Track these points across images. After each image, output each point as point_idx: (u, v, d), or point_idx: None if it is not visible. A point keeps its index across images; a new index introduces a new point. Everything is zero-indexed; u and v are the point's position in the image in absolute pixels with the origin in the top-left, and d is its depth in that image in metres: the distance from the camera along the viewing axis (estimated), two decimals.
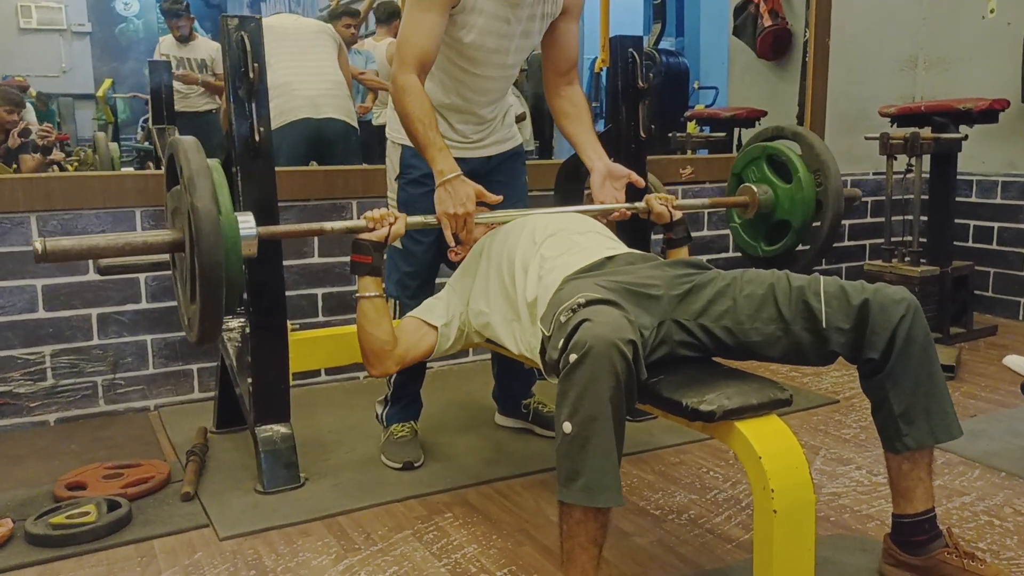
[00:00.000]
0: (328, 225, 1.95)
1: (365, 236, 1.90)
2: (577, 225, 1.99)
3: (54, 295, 2.70)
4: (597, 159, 2.20)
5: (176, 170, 1.71)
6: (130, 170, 5.14)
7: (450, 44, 2.09)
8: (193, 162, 1.66)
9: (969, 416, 2.68)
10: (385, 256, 2.12)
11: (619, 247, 1.91)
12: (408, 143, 2.23)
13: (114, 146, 3.44)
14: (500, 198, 2.03)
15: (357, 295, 1.93)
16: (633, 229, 2.45)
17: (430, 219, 1.99)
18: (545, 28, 2.18)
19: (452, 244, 1.99)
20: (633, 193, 2.21)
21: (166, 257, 2.54)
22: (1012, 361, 2.35)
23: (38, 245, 1.59)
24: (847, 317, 1.58)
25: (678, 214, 2.17)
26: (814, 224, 2.32)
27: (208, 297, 1.65)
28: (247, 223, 1.82)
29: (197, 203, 1.61)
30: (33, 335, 2.68)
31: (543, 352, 1.63)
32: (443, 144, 2.00)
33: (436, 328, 1.99)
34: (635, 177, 2.19)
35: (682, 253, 2.16)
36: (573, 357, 1.39)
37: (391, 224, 1.90)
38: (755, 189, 2.34)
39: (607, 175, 2.18)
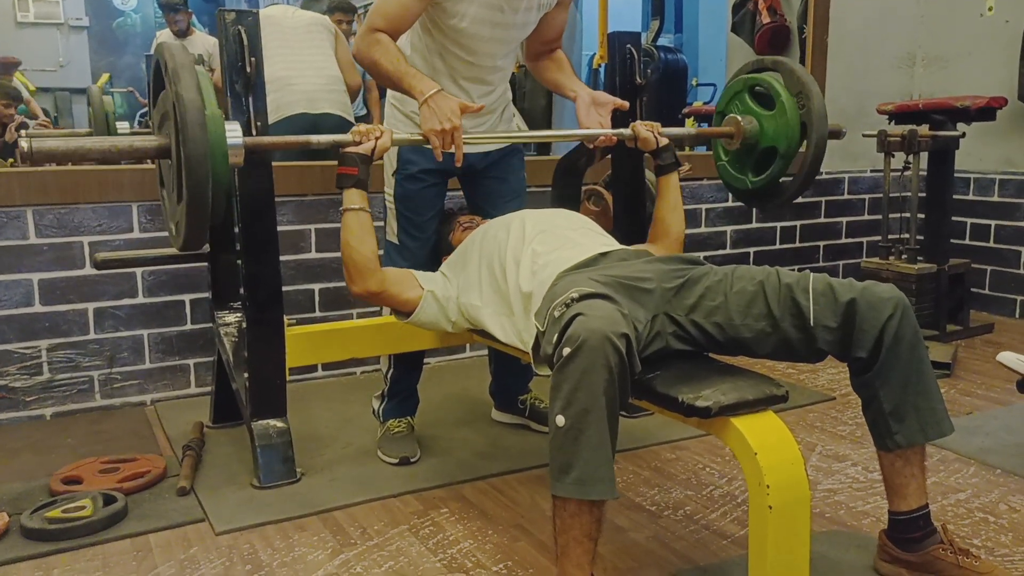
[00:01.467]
0: (315, 138, 1.95)
1: (352, 149, 1.91)
2: (569, 222, 2.00)
3: (50, 289, 2.69)
4: (580, 88, 2.24)
5: (162, 72, 1.68)
6: (126, 125, 5.09)
7: (445, 32, 2.09)
8: (178, 57, 1.65)
9: (965, 413, 2.69)
10: (382, 253, 2.11)
11: (612, 243, 1.92)
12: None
13: (108, 99, 3.40)
14: (483, 105, 2.03)
15: (343, 208, 1.93)
16: (629, 223, 2.45)
17: (417, 136, 1.99)
18: (539, 18, 2.20)
19: (439, 159, 2.00)
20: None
21: (164, 252, 2.55)
22: (1006, 357, 2.35)
23: (24, 144, 1.57)
24: (834, 315, 1.58)
25: (664, 140, 2.17)
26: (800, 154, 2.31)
27: (194, 192, 1.62)
28: (233, 131, 1.81)
29: (182, 92, 1.59)
30: (29, 329, 2.68)
31: (537, 347, 1.63)
32: (415, 71, 2.02)
33: (423, 291, 2.00)
34: (619, 102, 2.21)
35: (672, 180, 2.17)
36: (567, 351, 1.40)
37: (377, 138, 1.92)
38: (739, 119, 2.32)
39: (592, 101, 2.20)
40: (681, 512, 2.04)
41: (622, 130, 2.18)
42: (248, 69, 2.06)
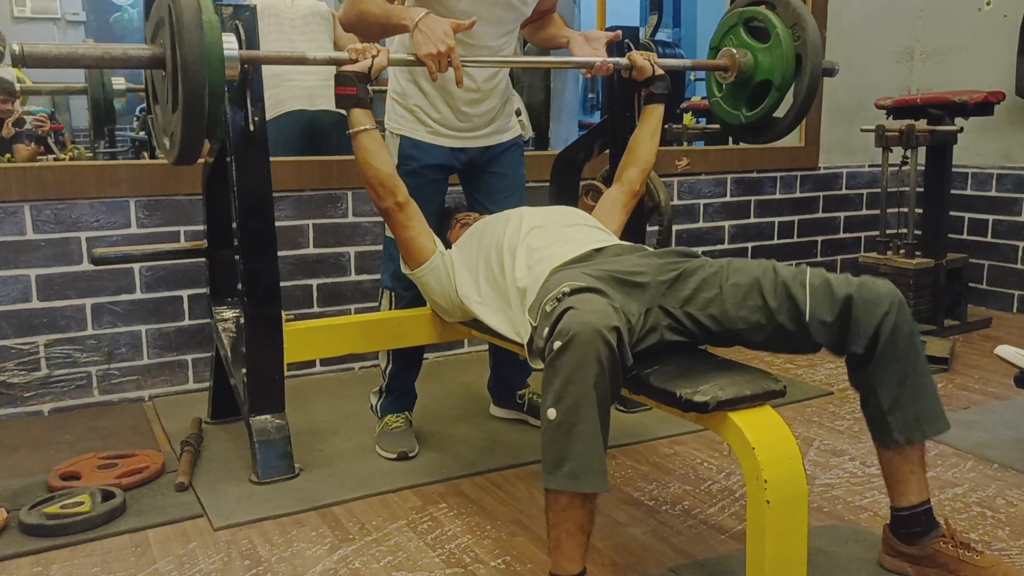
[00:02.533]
0: (311, 54, 1.95)
1: (348, 68, 1.91)
2: (565, 218, 2.00)
3: (48, 285, 2.69)
4: (572, 32, 2.29)
5: None
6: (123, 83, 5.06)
7: (442, 13, 2.08)
8: None
9: (962, 408, 2.69)
10: (384, 252, 2.11)
11: (608, 239, 1.92)
12: (407, 134, 2.23)
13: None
14: (474, 21, 2.03)
15: (351, 131, 1.94)
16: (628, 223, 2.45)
17: (412, 57, 1.99)
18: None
19: (435, 80, 2.01)
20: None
21: (162, 248, 2.55)
22: (1004, 351, 2.35)
23: (15, 46, 1.55)
24: (831, 310, 1.57)
25: (659, 70, 2.22)
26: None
27: (190, 97, 1.60)
28: (230, 41, 1.80)
29: None
30: (27, 325, 2.68)
31: (531, 341, 1.64)
32: (401, 8, 2.03)
33: (436, 249, 2.02)
34: (611, 34, 2.26)
35: (657, 111, 2.24)
36: (558, 344, 1.40)
37: (374, 56, 1.92)
38: (735, 52, 2.32)
39: (585, 38, 2.24)
40: (679, 507, 2.05)
41: (619, 59, 2.22)
42: (246, 64, 2.05)
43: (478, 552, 1.84)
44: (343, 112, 1.97)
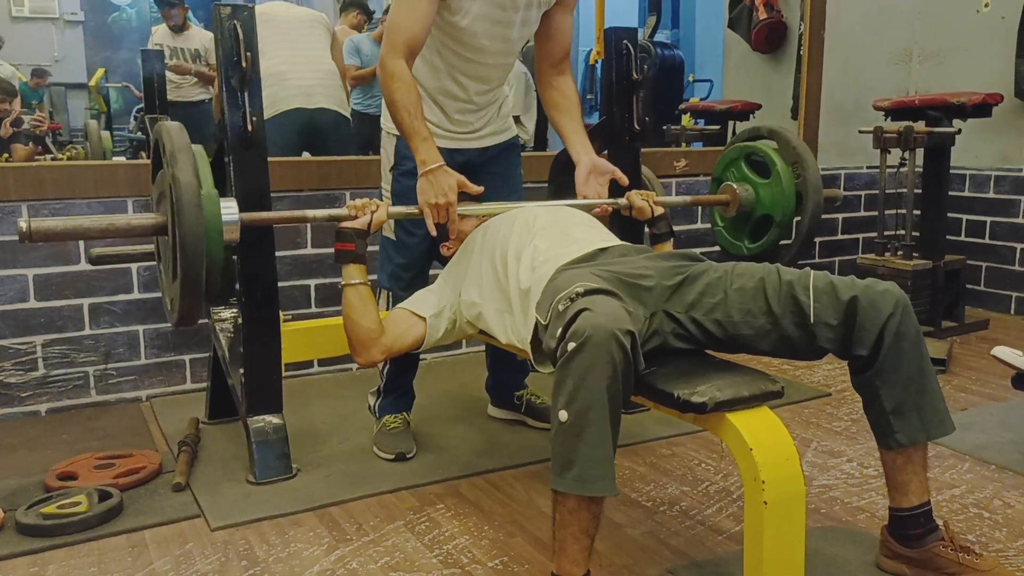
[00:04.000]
0: (311, 213, 1.96)
1: (348, 224, 1.90)
2: (571, 217, 1.99)
3: (45, 285, 2.69)
4: (583, 153, 2.20)
5: (160, 153, 1.73)
6: (122, 159, 5.11)
7: (445, 29, 2.08)
8: (176, 140, 1.69)
9: (960, 409, 2.69)
10: (373, 245, 2.11)
11: (612, 240, 1.91)
12: None
13: (106, 135, 3.45)
14: (482, 189, 2.03)
15: (342, 284, 1.92)
16: (625, 221, 2.45)
17: (412, 209, 1.99)
18: (540, 16, 2.18)
19: (434, 233, 1.99)
20: (617, 191, 2.22)
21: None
22: (1001, 352, 2.35)
23: (23, 224, 1.60)
24: (835, 313, 1.57)
25: (660, 210, 2.17)
26: (796, 219, 2.34)
27: (188, 271, 1.64)
28: (229, 208, 1.84)
29: (178, 175, 1.63)
30: (24, 325, 2.67)
31: (536, 342, 1.63)
32: (428, 134, 2.00)
33: (425, 319, 1.99)
34: (619, 174, 2.19)
35: (666, 248, 2.16)
36: (571, 346, 1.39)
37: (373, 212, 1.91)
38: (735, 187, 2.36)
39: (592, 169, 2.18)
40: (677, 508, 2.05)
41: (618, 200, 2.19)
42: (244, 64, 2.05)
43: (476, 553, 1.84)
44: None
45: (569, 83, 2.30)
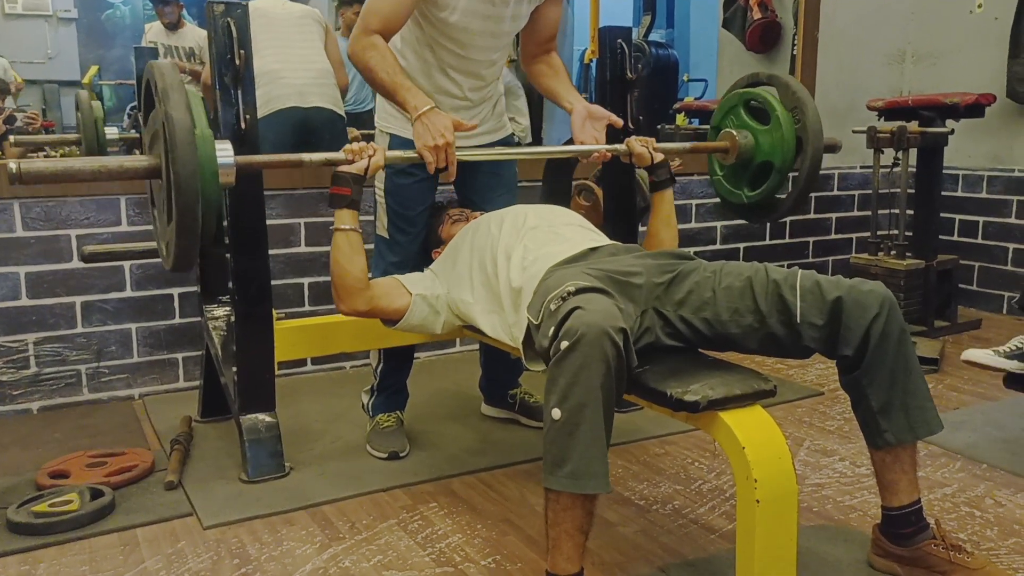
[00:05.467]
0: (307, 156, 1.91)
1: (344, 168, 1.88)
2: (560, 218, 1.99)
3: (37, 282, 2.68)
4: (576, 102, 2.19)
5: (152, 92, 1.67)
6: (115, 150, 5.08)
7: (435, 25, 2.08)
8: (168, 77, 1.63)
9: (952, 408, 2.70)
10: (374, 247, 2.10)
11: (602, 239, 1.92)
12: (397, 132, 2.22)
13: (97, 104, 3.43)
14: (476, 124, 2.01)
15: (334, 227, 1.90)
16: (620, 218, 2.45)
17: (410, 153, 1.97)
18: (530, 11, 2.19)
19: (432, 172, 1.97)
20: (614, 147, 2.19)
21: (151, 245, 2.53)
22: (972, 355, 2.35)
23: (13, 166, 1.56)
24: (821, 313, 1.58)
25: (659, 156, 2.14)
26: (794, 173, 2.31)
27: (183, 210, 1.60)
28: (225, 149, 1.79)
29: (171, 112, 1.57)
30: (16, 323, 2.67)
31: (528, 341, 1.63)
32: (410, 84, 1.99)
33: (411, 295, 1.98)
34: (614, 118, 2.17)
35: (666, 195, 2.15)
36: (564, 344, 1.40)
37: (370, 156, 1.89)
38: (735, 133, 2.32)
39: (587, 115, 2.15)
40: (669, 506, 2.05)
41: (616, 146, 2.16)
42: (237, 62, 2.05)
43: (468, 551, 1.84)
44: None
45: (555, 56, 2.31)
